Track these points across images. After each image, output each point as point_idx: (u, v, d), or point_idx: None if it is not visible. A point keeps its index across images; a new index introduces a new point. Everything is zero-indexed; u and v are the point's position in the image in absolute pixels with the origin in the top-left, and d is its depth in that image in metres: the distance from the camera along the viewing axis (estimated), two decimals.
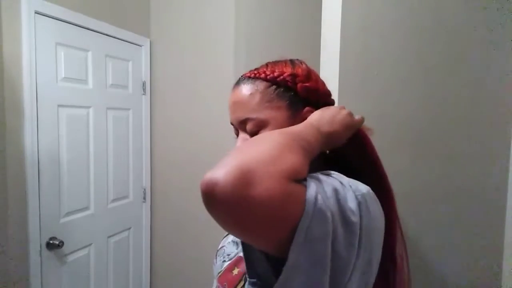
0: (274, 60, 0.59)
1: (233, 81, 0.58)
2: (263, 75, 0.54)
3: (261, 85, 0.54)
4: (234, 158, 0.34)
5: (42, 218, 1.39)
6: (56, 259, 1.47)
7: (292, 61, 0.58)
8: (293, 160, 0.37)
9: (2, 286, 1.26)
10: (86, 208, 1.61)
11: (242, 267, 0.54)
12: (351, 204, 0.38)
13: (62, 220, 1.49)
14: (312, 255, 0.34)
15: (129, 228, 1.89)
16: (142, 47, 1.88)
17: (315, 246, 0.34)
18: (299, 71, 0.55)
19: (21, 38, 1.29)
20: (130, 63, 1.83)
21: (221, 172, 0.32)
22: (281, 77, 0.54)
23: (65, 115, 1.48)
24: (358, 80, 1.06)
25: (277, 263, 0.36)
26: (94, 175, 1.64)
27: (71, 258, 1.54)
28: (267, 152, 0.35)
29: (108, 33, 1.67)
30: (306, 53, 0.81)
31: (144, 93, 1.92)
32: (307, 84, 0.54)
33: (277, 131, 0.44)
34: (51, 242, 1.42)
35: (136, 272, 1.94)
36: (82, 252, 1.60)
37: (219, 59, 1.68)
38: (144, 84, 1.92)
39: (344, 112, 0.53)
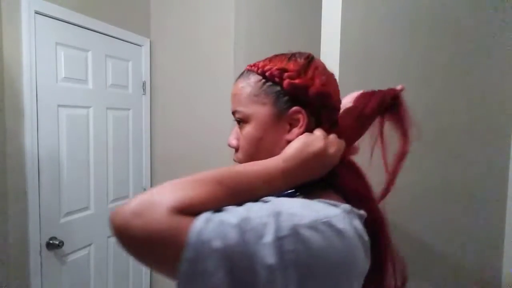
0: (281, 52, 0.56)
1: (233, 81, 0.58)
2: (255, 68, 0.53)
3: (253, 78, 0.52)
4: (147, 193, 0.37)
5: (42, 218, 1.39)
6: (56, 259, 1.47)
7: (292, 55, 0.53)
8: (190, 194, 0.36)
9: (2, 286, 1.26)
10: (86, 208, 1.61)
11: None
12: (267, 238, 0.34)
13: (62, 220, 1.49)
14: None
15: None
16: (142, 47, 1.88)
17: (201, 279, 0.33)
18: (290, 66, 0.50)
19: (21, 38, 1.29)
20: (130, 63, 1.83)
21: (126, 205, 0.36)
22: (269, 71, 0.50)
23: (65, 115, 1.48)
24: (358, 80, 1.06)
25: None
26: (94, 175, 1.64)
27: (71, 258, 1.54)
28: (168, 188, 0.37)
29: (108, 33, 1.67)
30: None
31: (144, 93, 1.92)
32: (295, 81, 0.49)
33: (215, 170, 0.42)
34: (51, 242, 1.42)
35: (136, 272, 1.94)
36: (82, 252, 1.60)
37: (219, 59, 1.68)
38: (144, 84, 1.92)
39: (318, 144, 0.47)
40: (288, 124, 0.51)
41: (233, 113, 0.54)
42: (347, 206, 0.42)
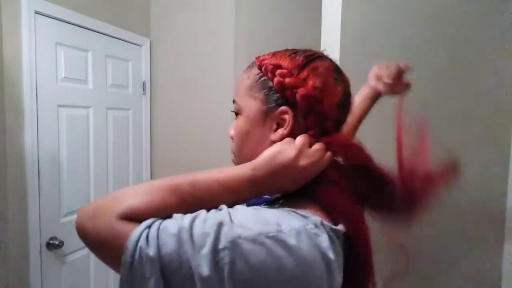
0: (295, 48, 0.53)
1: (233, 81, 0.58)
2: (257, 61, 0.52)
3: (253, 71, 0.51)
4: (104, 198, 0.41)
5: (42, 218, 1.39)
6: (56, 259, 1.47)
7: (295, 52, 0.50)
8: (139, 201, 0.39)
9: (2, 286, 1.26)
10: None
11: None
12: (205, 248, 0.34)
13: (62, 220, 1.49)
14: None
15: None
16: (142, 47, 1.88)
17: (138, 284, 0.35)
18: (285, 63, 0.48)
19: (21, 38, 1.29)
20: (130, 63, 1.83)
21: (85, 207, 0.41)
22: (265, 65, 0.49)
23: (65, 115, 1.48)
24: (358, 80, 1.06)
25: None
26: (94, 175, 1.64)
27: (71, 258, 1.54)
28: (121, 194, 0.40)
29: (108, 33, 1.67)
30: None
31: (144, 93, 1.92)
32: (284, 79, 0.46)
33: (172, 177, 0.43)
34: (51, 242, 1.42)
35: None
36: (82, 252, 1.60)
37: (219, 59, 1.68)
38: (144, 84, 1.92)
39: (288, 155, 0.44)
40: (276, 124, 0.48)
41: (233, 102, 0.55)
42: (317, 220, 0.40)
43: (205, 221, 0.36)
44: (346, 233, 0.43)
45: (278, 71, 0.47)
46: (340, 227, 0.43)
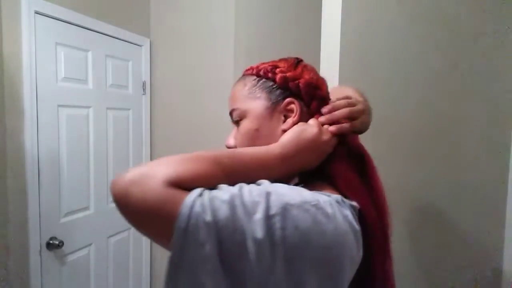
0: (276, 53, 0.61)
1: (233, 81, 0.59)
2: (251, 71, 0.57)
3: (248, 79, 0.56)
4: (144, 165, 0.39)
5: (42, 218, 1.39)
6: (56, 259, 1.47)
7: (282, 58, 0.58)
8: (185, 169, 0.38)
9: (2, 286, 1.26)
10: (86, 208, 1.61)
11: None
12: (258, 214, 0.36)
13: (62, 220, 1.49)
14: (191, 257, 0.35)
15: (129, 228, 1.89)
16: (142, 47, 1.88)
17: (193, 249, 0.35)
18: (281, 63, 0.56)
19: (21, 38, 1.29)
20: (130, 63, 1.83)
21: (124, 175, 0.37)
22: (263, 69, 0.55)
23: (65, 115, 1.48)
24: (358, 80, 1.06)
25: None
26: (94, 175, 1.64)
27: (71, 258, 1.54)
28: (166, 161, 0.39)
29: (108, 33, 1.67)
30: (306, 53, 0.81)
31: (144, 93, 1.92)
32: (285, 74, 0.53)
33: (214, 150, 0.43)
34: (51, 242, 1.42)
35: (136, 272, 1.94)
36: (82, 252, 1.60)
37: (219, 58, 1.68)
38: (144, 84, 1.92)
39: (312, 131, 0.50)
40: (283, 116, 0.53)
41: (230, 113, 0.57)
42: (338, 197, 0.43)
43: (250, 191, 0.38)
44: (360, 209, 0.46)
45: (278, 69, 0.54)
46: (355, 203, 0.46)
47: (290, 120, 0.53)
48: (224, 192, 0.38)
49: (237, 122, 0.56)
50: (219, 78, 1.68)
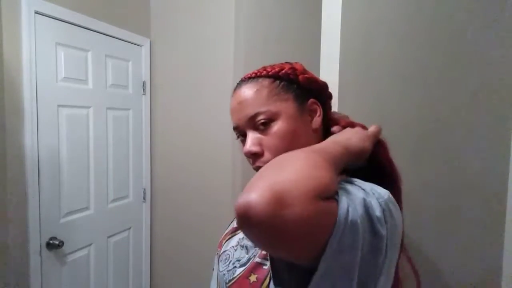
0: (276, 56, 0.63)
1: (233, 81, 0.59)
2: (264, 72, 0.57)
3: (265, 81, 0.56)
4: (264, 179, 0.34)
5: (42, 218, 1.39)
6: (56, 259, 1.47)
7: (283, 62, 0.60)
8: (322, 176, 0.36)
9: (2, 286, 1.26)
10: (86, 208, 1.61)
11: (260, 273, 0.51)
12: (377, 212, 0.39)
13: (62, 220, 1.49)
14: (342, 265, 0.36)
15: (129, 228, 1.89)
16: (142, 47, 1.88)
17: (345, 256, 0.36)
18: (296, 66, 0.58)
19: (21, 38, 1.29)
20: (130, 63, 1.83)
21: (254, 195, 0.32)
22: (283, 71, 0.56)
23: (65, 115, 1.48)
24: (358, 80, 1.06)
25: (302, 271, 0.38)
26: (94, 175, 1.64)
27: (71, 258, 1.54)
28: (294, 171, 0.36)
29: (108, 33, 1.67)
30: (306, 54, 0.81)
31: (144, 93, 1.92)
32: (307, 75, 0.57)
33: (299, 150, 0.42)
34: (51, 242, 1.42)
35: (136, 272, 1.94)
36: (82, 252, 1.60)
37: (219, 59, 1.68)
38: (144, 84, 1.92)
39: (373, 129, 0.57)
40: (308, 115, 0.57)
41: (253, 116, 0.54)
42: (386, 192, 0.47)
43: (359, 188, 0.42)
44: None
45: (298, 71, 0.57)
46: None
47: (316, 119, 0.57)
48: (354, 195, 0.40)
49: (263, 124, 0.53)
50: (219, 78, 1.68)
